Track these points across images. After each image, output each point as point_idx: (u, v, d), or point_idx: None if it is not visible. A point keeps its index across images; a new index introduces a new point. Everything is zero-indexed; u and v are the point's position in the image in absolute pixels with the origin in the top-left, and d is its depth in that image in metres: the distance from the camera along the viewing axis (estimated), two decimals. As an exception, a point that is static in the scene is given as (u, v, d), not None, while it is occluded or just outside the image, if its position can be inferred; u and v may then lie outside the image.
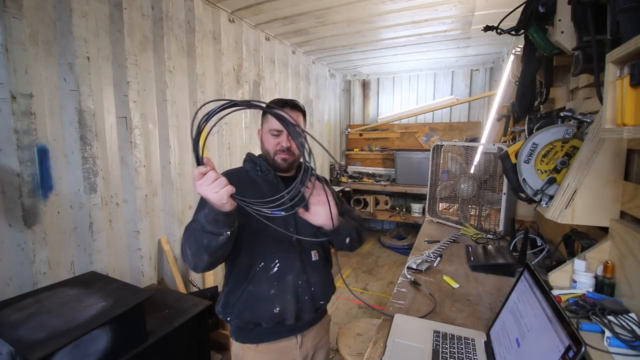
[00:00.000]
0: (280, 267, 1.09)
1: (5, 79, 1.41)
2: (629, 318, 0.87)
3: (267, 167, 1.13)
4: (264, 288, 1.08)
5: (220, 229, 0.88)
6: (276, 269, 1.09)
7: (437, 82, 4.73)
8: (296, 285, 1.10)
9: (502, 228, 1.89)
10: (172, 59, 2.18)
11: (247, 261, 1.09)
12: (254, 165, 1.16)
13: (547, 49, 1.26)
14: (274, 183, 1.13)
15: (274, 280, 1.09)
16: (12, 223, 1.46)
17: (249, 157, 1.21)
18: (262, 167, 1.14)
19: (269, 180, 1.13)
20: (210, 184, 0.80)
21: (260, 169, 1.14)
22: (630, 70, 0.67)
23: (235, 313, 1.08)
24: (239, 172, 1.16)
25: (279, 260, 1.10)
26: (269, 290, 1.08)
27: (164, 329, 1.49)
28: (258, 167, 1.15)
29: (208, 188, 0.80)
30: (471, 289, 1.30)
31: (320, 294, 1.16)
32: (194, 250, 0.93)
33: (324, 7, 2.55)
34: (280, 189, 1.08)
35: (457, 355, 0.88)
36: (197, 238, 0.90)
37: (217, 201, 0.81)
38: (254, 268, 1.09)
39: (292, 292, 1.09)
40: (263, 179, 1.14)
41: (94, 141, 1.76)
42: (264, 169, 1.14)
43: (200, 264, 0.96)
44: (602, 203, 1.10)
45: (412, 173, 4.40)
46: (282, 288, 1.08)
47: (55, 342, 1.06)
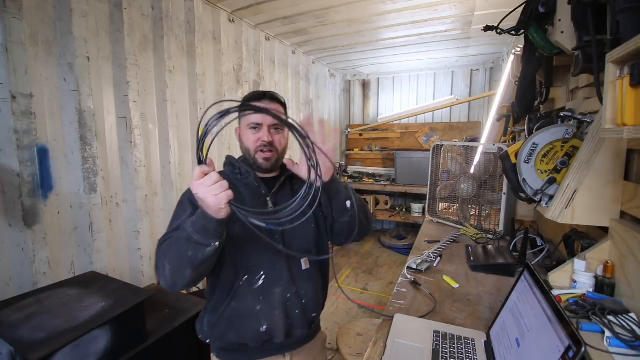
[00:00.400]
0: (265, 279, 0.99)
1: (5, 79, 1.41)
2: (629, 318, 0.87)
3: (246, 170, 1.03)
4: (249, 304, 0.98)
5: (209, 239, 0.79)
6: (261, 281, 0.98)
7: (437, 82, 4.73)
8: (285, 299, 1.00)
9: (502, 228, 1.89)
10: (172, 59, 2.18)
11: (229, 274, 0.99)
12: (233, 168, 1.06)
13: (547, 49, 1.26)
14: (254, 186, 1.03)
15: (259, 295, 0.98)
16: (12, 223, 1.46)
17: (228, 159, 1.10)
18: (242, 170, 1.04)
19: (250, 184, 1.03)
20: (211, 185, 0.74)
21: (240, 171, 1.04)
22: (630, 70, 0.68)
23: (216, 335, 0.99)
24: None
25: (264, 271, 0.99)
26: (255, 306, 0.98)
27: (164, 329, 1.49)
28: (237, 170, 1.05)
29: (208, 189, 0.74)
30: (471, 289, 1.30)
31: (312, 305, 1.07)
32: (175, 265, 0.83)
33: (324, 7, 2.55)
34: (263, 193, 1.02)
35: (457, 355, 0.88)
36: (181, 250, 0.81)
37: (214, 205, 0.74)
38: (237, 282, 0.98)
39: (280, 307, 0.99)
40: (243, 182, 1.03)
41: (94, 141, 1.76)
42: (244, 171, 1.04)
43: (180, 280, 0.85)
44: (602, 203, 1.10)
45: (412, 173, 4.40)
46: (269, 303, 0.98)
47: (55, 342, 1.06)
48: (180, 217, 0.94)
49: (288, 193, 1.06)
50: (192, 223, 0.80)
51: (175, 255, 0.82)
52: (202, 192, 0.74)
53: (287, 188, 1.08)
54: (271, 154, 1.02)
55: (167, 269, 0.84)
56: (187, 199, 0.98)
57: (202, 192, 0.74)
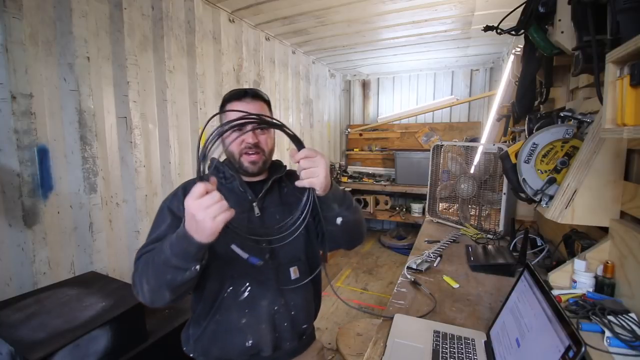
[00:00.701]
0: (251, 291, 0.93)
1: (5, 79, 1.41)
2: (629, 318, 0.87)
3: (230, 174, 0.97)
4: (234, 317, 0.93)
5: (189, 263, 0.72)
6: (247, 293, 0.93)
7: (437, 82, 4.73)
8: (272, 311, 0.95)
9: (502, 228, 1.89)
10: (172, 59, 2.18)
11: (213, 285, 0.94)
12: (217, 171, 0.99)
13: (547, 49, 1.26)
14: (240, 192, 0.96)
15: (244, 308, 0.93)
16: (12, 223, 1.46)
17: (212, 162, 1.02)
18: (226, 174, 0.97)
19: (234, 189, 0.96)
20: (211, 205, 0.66)
21: (224, 175, 0.97)
22: (630, 70, 0.68)
23: (199, 349, 0.94)
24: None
25: (250, 283, 0.93)
26: (240, 319, 0.93)
27: (164, 329, 1.49)
28: (221, 174, 0.97)
29: (207, 211, 0.65)
30: (471, 289, 1.30)
31: (303, 317, 1.02)
32: (153, 285, 0.77)
33: (324, 7, 2.55)
34: (249, 198, 0.95)
35: (457, 355, 0.88)
36: (158, 273, 0.75)
37: (210, 230, 0.67)
38: (221, 294, 0.93)
39: (267, 320, 0.94)
40: (228, 187, 0.97)
41: (94, 141, 1.76)
42: (228, 175, 0.97)
43: (159, 301, 0.80)
44: (602, 203, 1.10)
45: (412, 173, 4.40)
46: (255, 316, 0.94)
47: (55, 342, 1.06)
48: (159, 227, 0.89)
49: (276, 197, 1.02)
50: (171, 245, 0.72)
51: (152, 276, 0.76)
52: (201, 215, 0.66)
53: (275, 192, 1.03)
54: (257, 156, 0.95)
55: (145, 288, 0.78)
56: (167, 207, 0.93)
57: (201, 214, 0.66)
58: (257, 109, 0.93)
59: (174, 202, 0.95)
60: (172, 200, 0.97)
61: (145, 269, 0.79)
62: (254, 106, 0.94)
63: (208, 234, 0.68)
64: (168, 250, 0.72)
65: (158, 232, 0.89)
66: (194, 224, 0.67)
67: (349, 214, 0.93)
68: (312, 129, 4.23)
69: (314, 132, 4.30)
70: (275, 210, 0.99)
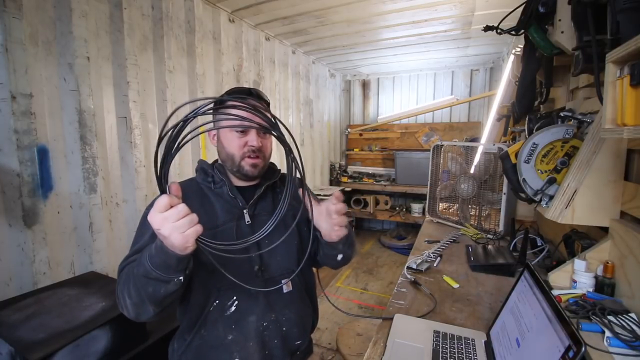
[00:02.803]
0: (239, 305, 0.87)
1: (5, 79, 1.41)
2: (629, 318, 0.87)
3: (220, 178, 0.91)
4: (220, 333, 0.87)
5: (171, 275, 0.68)
6: (234, 308, 0.87)
7: (437, 82, 4.73)
8: (261, 327, 0.89)
9: (502, 228, 1.89)
10: (172, 59, 2.18)
11: (199, 298, 0.88)
12: (205, 175, 0.93)
13: (547, 49, 1.26)
14: (229, 198, 0.91)
15: (231, 323, 0.87)
16: (12, 223, 1.46)
17: (200, 164, 0.96)
18: (215, 178, 0.92)
19: (224, 195, 0.91)
20: (176, 220, 0.61)
21: (213, 179, 0.92)
22: (630, 70, 0.68)
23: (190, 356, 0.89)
24: (187, 186, 0.90)
25: (237, 296, 0.87)
26: (226, 335, 0.87)
27: (164, 329, 1.49)
28: (210, 178, 0.92)
29: (173, 225, 0.60)
30: (471, 289, 1.30)
31: (296, 333, 0.96)
32: (136, 300, 0.72)
33: (323, 7, 2.55)
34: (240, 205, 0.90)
35: (457, 355, 0.88)
36: (139, 286, 0.70)
37: (180, 244, 0.62)
38: (207, 307, 0.88)
39: (255, 337, 0.88)
40: (216, 192, 0.91)
41: (94, 141, 1.76)
42: (217, 179, 0.92)
43: (144, 314, 0.75)
44: (602, 203, 1.10)
45: (412, 173, 4.40)
46: (242, 333, 0.88)
47: (55, 342, 1.06)
48: (142, 238, 0.84)
49: (268, 204, 0.96)
50: (150, 257, 0.67)
51: (134, 290, 0.71)
52: (167, 229, 0.61)
53: (268, 198, 0.97)
54: (259, 160, 0.90)
55: (127, 302, 0.74)
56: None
57: (166, 229, 0.61)
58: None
59: None
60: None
61: (126, 283, 0.74)
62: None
63: (180, 248, 0.63)
64: (147, 262, 0.67)
65: (140, 243, 0.83)
66: (164, 240, 0.64)
67: (349, 250, 0.94)
68: (312, 129, 4.23)
69: (314, 132, 4.30)
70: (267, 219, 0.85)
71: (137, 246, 0.83)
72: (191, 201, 0.78)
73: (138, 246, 0.83)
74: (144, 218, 0.86)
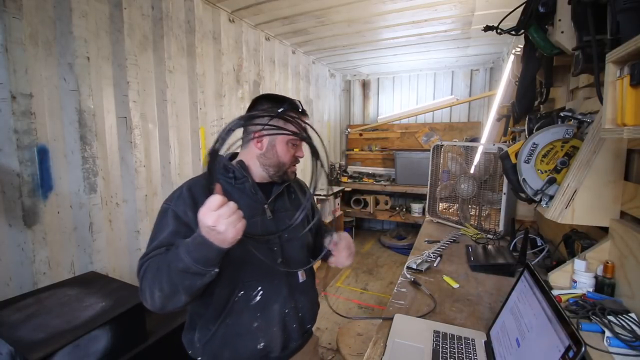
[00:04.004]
0: (263, 295, 0.94)
1: (5, 79, 1.41)
2: (629, 318, 0.87)
3: (242, 174, 0.96)
4: (245, 321, 0.93)
5: (209, 268, 0.73)
6: (259, 297, 0.94)
7: (437, 82, 4.73)
8: (283, 314, 0.97)
9: (502, 228, 1.89)
10: (172, 59, 2.18)
11: (224, 290, 0.93)
12: (226, 171, 0.97)
13: (547, 49, 1.26)
14: (251, 193, 0.96)
15: (257, 312, 0.94)
16: (12, 223, 1.46)
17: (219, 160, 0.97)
18: (237, 174, 0.96)
19: (246, 190, 0.96)
20: (229, 216, 0.67)
21: (235, 176, 0.96)
22: (630, 70, 0.68)
23: (209, 353, 0.93)
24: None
25: (262, 287, 0.94)
26: (252, 323, 0.93)
27: (164, 329, 1.49)
28: (231, 174, 0.96)
29: (228, 221, 0.67)
30: (471, 289, 1.30)
31: (309, 317, 1.06)
32: (168, 292, 0.77)
33: (324, 7, 2.55)
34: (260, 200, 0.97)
35: (457, 355, 0.88)
36: (176, 280, 0.75)
37: (232, 238, 0.69)
38: (232, 298, 0.93)
39: (278, 322, 0.96)
40: (238, 188, 0.96)
41: (94, 141, 1.76)
42: (239, 176, 0.96)
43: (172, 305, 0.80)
44: (602, 203, 1.10)
45: (412, 173, 4.40)
46: (267, 320, 0.94)
47: (55, 342, 1.06)
48: (162, 232, 0.87)
49: (285, 201, 1.05)
50: (189, 252, 0.72)
51: (168, 284, 0.76)
52: (222, 225, 0.67)
53: (285, 195, 1.05)
54: (296, 167, 1.03)
55: (157, 295, 0.78)
56: (171, 211, 0.90)
57: (221, 225, 0.67)
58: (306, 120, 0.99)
59: (180, 205, 0.91)
60: (177, 203, 0.92)
61: (157, 277, 0.77)
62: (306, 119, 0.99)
63: (230, 242, 0.70)
64: (187, 258, 0.72)
65: (161, 238, 0.86)
66: (215, 234, 0.69)
67: None
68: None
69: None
70: (286, 215, 1.01)
71: (156, 242, 0.86)
72: None
73: (158, 242, 0.85)
74: (165, 213, 0.91)
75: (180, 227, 0.87)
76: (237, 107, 2.85)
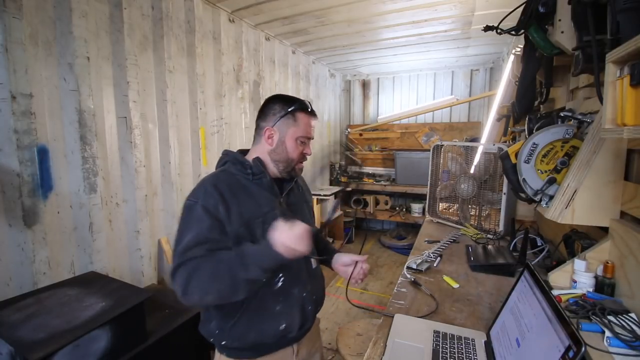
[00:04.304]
0: (285, 280, 1.01)
1: (5, 79, 1.41)
2: (629, 318, 0.87)
3: (261, 170, 1.01)
4: (269, 305, 0.99)
5: (269, 273, 0.85)
6: (281, 283, 1.00)
7: (437, 82, 4.73)
8: (302, 297, 1.04)
9: (502, 228, 1.89)
10: (172, 59, 2.18)
11: None
12: (243, 167, 1.01)
13: (547, 49, 1.26)
14: (269, 187, 1.02)
15: (279, 296, 1.00)
16: (12, 223, 1.46)
17: (232, 157, 1.04)
18: (255, 170, 1.01)
19: (264, 185, 1.02)
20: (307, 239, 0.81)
21: (253, 172, 1.01)
22: (630, 70, 0.68)
23: (234, 336, 0.98)
24: (228, 180, 0.99)
25: (284, 273, 1.00)
26: (274, 306, 1.00)
27: (164, 329, 1.49)
28: (249, 170, 1.01)
29: (305, 243, 0.81)
30: (471, 289, 1.30)
31: (320, 301, 1.15)
32: (227, 295, 0.85)
33: (324, 7, 2.55)
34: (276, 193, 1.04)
35: (457, 355, 0.88)
36: (240, 286, 0.83)
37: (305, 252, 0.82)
38: None
39: (297, 305, 1.03)
40: (256, 183, 1.01)
41: (94, 141, 1.76)
42: (257, 171, 1.01)
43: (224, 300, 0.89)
44: (602, 203, 1.10)
45: (412, 173, 4.40)
46: (288, 303, 1.01)
47: (55, 342, 1.06)
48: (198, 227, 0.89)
49: (295, 194, 1.14)
50: (261, 266, 0.82)
51: (230, 288, 0.84)
52: (303, 248, 0.81)
53: (295, 190, 1.14)
54: (303, 164, 1.10)
55: (210, 297, 0.85)
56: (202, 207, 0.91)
57: (302, 248, 0.81)
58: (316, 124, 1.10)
59: (209, 200, 0.92)
60: (206, 198, 0.93)
61: (215, 282, 0.83)
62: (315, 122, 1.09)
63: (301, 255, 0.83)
64: (258, 270, 0.82)
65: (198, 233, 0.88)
66: (292, 252, 0.81)
67: None
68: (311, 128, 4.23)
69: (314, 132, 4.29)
70: (299, 207, 1.12)
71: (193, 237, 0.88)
72: (239, 192, 0.96)
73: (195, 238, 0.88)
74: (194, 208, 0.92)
75: (214, 222, 0.90)
76: (237, 107, 2.85)
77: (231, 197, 0.93)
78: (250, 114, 3.00)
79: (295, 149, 1.03)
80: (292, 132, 1.02)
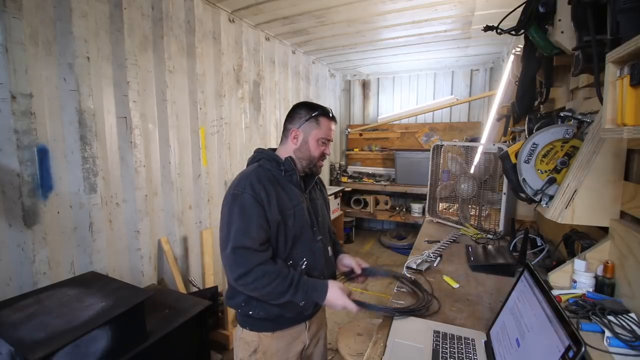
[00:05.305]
0: (307, 264, 1.16)
1: (5, 79, 1.41)
2: (629, 318, 0.87)
3: (292, 167, 1.15)
4: None
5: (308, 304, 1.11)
6: (304, 266, 1.15)
7: (437, 82, 4.73)
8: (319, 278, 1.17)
9: (502, 228, 1.89)
10: (172, 59, 2.18)
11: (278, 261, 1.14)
12: (277, 165, 1.16)
13: (547, 49, 1.26)
14: (297, 182, 1.17)
15: None
16: (12, 223, 1.46)
17: (267, 155, 1.18)
18: (287, 167, 1.15)
19: (294, 181, 1.16)
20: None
21: (285, 169, 1.15)
22: (630, 70, 0.68)
23: (260, 308, 1.12)
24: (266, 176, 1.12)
25: (306, 258, 1.16)
26: None
27: (164, 329, 1.49)
28: (283, 167, 1.15)
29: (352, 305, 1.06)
30: (471, 289, 1.30)
31: None
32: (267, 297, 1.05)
33: (324, 7, 2.55)
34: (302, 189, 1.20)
35: (457, 355, 0.88)
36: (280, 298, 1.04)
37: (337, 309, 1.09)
38: None
39: None
40: (287, 179, 1.16)
41: (94, 141, 1.76)
42: (289, 168, 1.15)
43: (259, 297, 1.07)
44: (602, 203, 1.10)
45: (412, 173, 4.40)
46: None
47: (55, 342, 1.06)
48: (254, 218, 1.04)
49: (316, 190, 1.30)
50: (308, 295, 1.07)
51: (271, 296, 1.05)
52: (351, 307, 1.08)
53: (315, 187, 1.29)
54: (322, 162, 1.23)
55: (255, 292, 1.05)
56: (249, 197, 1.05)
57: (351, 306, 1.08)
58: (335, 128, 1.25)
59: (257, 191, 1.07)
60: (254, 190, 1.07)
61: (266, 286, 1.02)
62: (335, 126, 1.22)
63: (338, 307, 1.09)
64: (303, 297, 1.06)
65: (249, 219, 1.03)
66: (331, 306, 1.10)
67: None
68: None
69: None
70: (318, 203, 1.27)
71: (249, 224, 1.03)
72: (275, 186, 1.11)
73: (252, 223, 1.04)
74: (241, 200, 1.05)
75: (261, 210, 1.05)
76: (237, 107, 2.85)
77: (270, 189, 1.07)
78: (250, 114, 3.00)
79: (317, 149, 1.17)
80: (315, 133, 1.16)
